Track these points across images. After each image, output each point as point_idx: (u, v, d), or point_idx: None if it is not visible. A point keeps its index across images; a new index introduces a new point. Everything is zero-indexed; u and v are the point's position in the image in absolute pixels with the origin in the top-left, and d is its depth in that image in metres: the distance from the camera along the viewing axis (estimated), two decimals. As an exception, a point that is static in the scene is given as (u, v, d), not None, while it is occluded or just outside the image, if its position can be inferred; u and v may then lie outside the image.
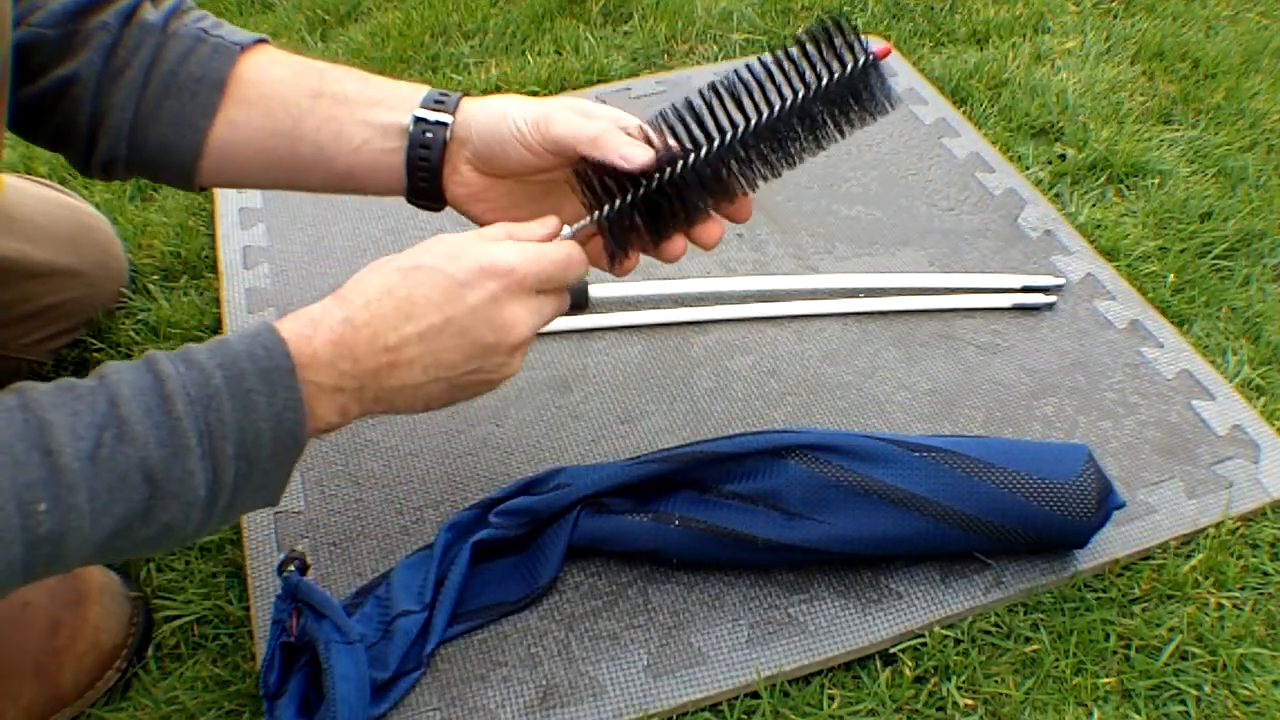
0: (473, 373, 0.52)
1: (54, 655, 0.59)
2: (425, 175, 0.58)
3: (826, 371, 0.75)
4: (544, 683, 0.58)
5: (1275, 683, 0.58)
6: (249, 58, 0.58)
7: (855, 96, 0.54)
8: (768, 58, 0.54)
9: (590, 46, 1.09)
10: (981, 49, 1.07)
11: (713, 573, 0.63)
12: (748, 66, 0.54)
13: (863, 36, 0.53)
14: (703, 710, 0.58)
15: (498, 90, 1.03)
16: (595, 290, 0.78)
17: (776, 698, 0.58)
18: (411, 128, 0.57)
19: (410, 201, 0.60)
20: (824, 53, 0.53)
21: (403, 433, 0.71)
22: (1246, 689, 0.58)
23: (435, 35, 1.12)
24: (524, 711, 0.57)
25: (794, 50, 0.53)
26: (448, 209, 0.60)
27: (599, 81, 1.04)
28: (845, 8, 1.13)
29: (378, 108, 0.58)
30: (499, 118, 0.55)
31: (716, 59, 1.07)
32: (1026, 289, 0.79)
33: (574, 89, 1.04)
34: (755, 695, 0.58)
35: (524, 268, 0.51)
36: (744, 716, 0.57)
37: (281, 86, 0.58)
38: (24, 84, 0.56)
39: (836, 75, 0.54)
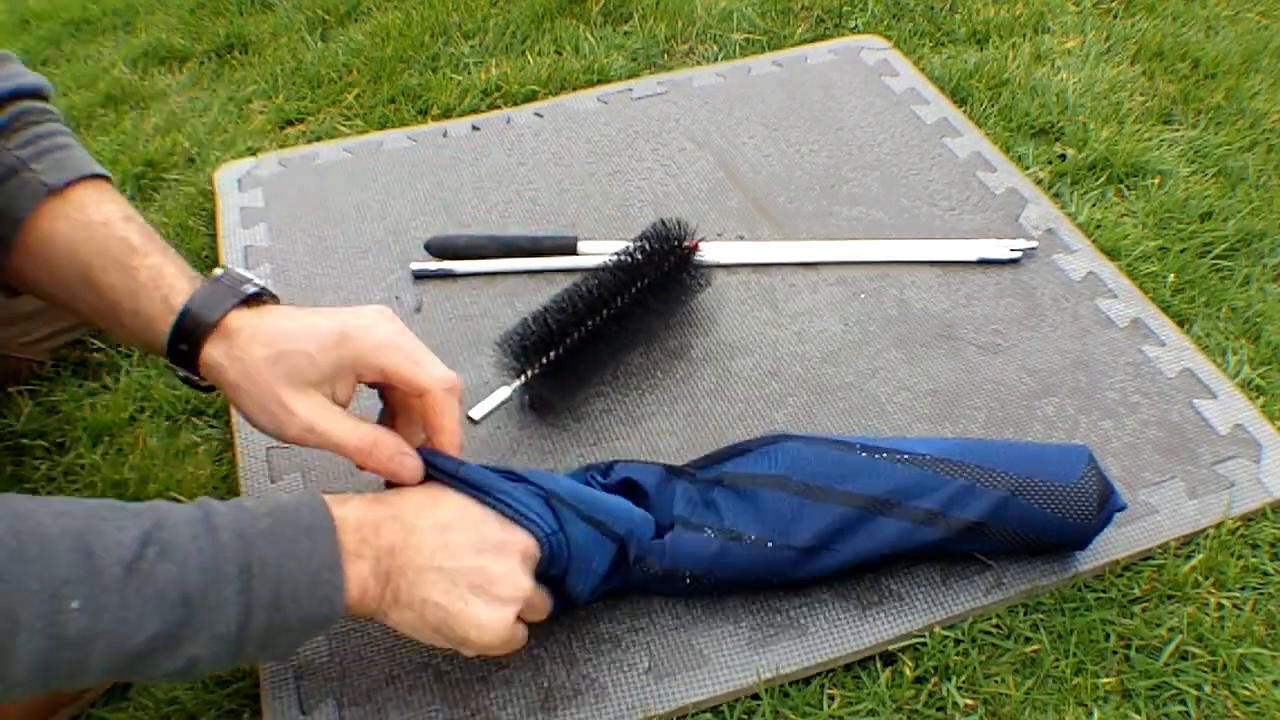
0: (474, 572, 0.51)
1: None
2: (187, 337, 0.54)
3: (828, 372, 0.75)
4: (546, 684, 0.58)
5: (1275, 683, 0.58)
6: (48, 207, 0.55)
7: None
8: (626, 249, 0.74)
9: (590, 46, 1.09)
10: (981, 49, 1.07)
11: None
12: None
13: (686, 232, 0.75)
14: (703, 712, 0.58)
15: (498, 89, 1.03)
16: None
17: (776, 698, 0.58)
18: (169, 367, 0.55)
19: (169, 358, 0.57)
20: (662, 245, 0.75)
21: (403, 433, 0.71)
22: (1246, 689, 0.58)
23: (435, 35, 1.12)
24: (526, 713, 0.57)
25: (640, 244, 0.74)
26: None
27: (599, 82, 1.04)
28: (845, 8, 1.13)
29: (137, 320, 0.54)
30: (250, 416, 0.53)
31: (716, 59, 1.07)
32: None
33: (574, 89, 1.04)
34: (755, 697, 0.58)
35: (518, 546, 0.53)
36: (744, 717, 0.57)
37: (58, 256, 0.55)
38: None
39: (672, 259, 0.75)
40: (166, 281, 0.54)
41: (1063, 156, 0.94)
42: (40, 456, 0.72)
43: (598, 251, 0.81)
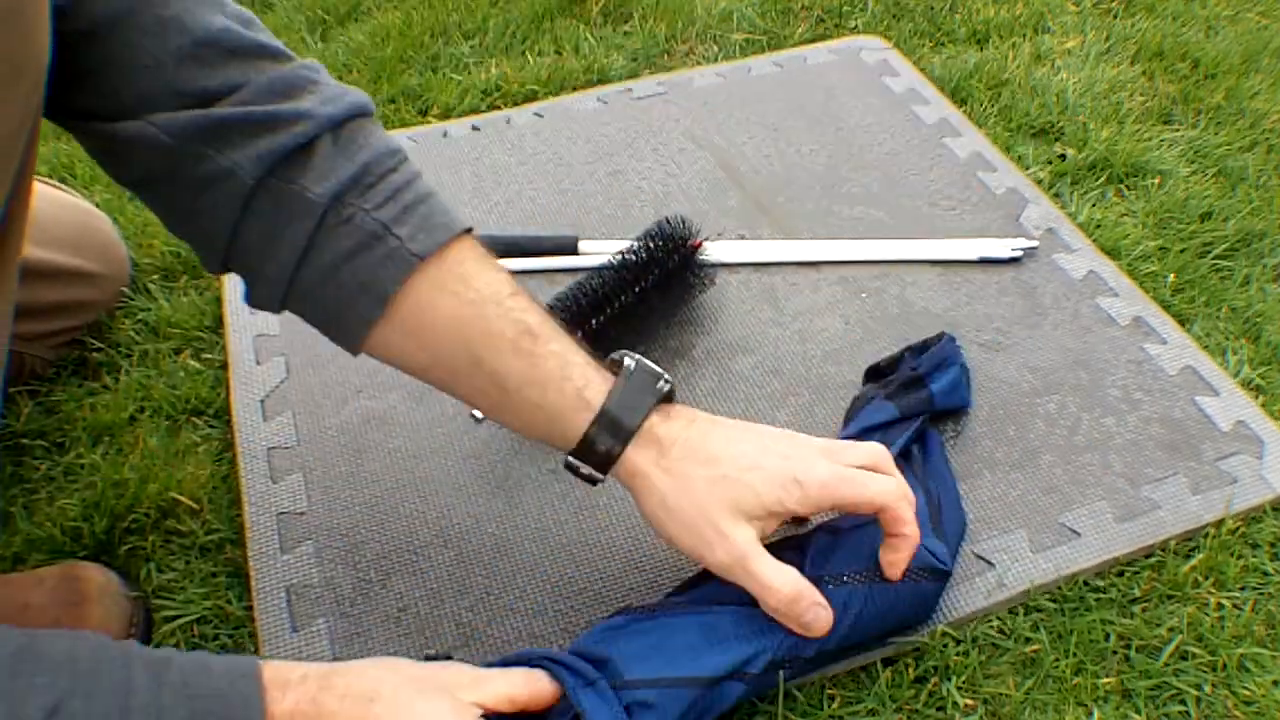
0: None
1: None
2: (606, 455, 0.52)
3: (829, 371, 0.75)
4: (546, 683, 0.58)
5: (1275, 683, 0.58)
6: (421, 277, 0.50)
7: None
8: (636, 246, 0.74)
9: (590, 46, 1.09)
10: (981, 49, 1.07)
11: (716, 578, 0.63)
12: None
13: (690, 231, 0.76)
14: (705, 711, 0.58)
15: (498, 90, 1.03)
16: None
17: (777, 698, 0.58)
18: (568, 462, 0.53)
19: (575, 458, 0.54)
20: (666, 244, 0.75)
21: (406, 435, 0.71)
22: (1246, 689, 0.58)
23: (435, 35, 1.12)
24: (526, 712, 0.57)
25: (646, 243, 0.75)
26: None
27: (599, 82, 1.04)
28: (845, 8, 1.13)
29: (537, 412, 0.51)
30: (669, 540, 0.52)
31: (716, 59, 1.07)
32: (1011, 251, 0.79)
33: (574, 89, 1.03)
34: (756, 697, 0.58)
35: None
36: (745, 717, 0.57)
37: (442, 334, 0.51)
38: (141, 178, 0.52)
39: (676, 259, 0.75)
40: (577, 372, 0.51)
41: (1063, 156, 0.94)
42: (40, 456, 0.72)
43: (598, 251, 0.81)
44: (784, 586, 0.51)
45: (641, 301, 0.74)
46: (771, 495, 0.51)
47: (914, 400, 0.67)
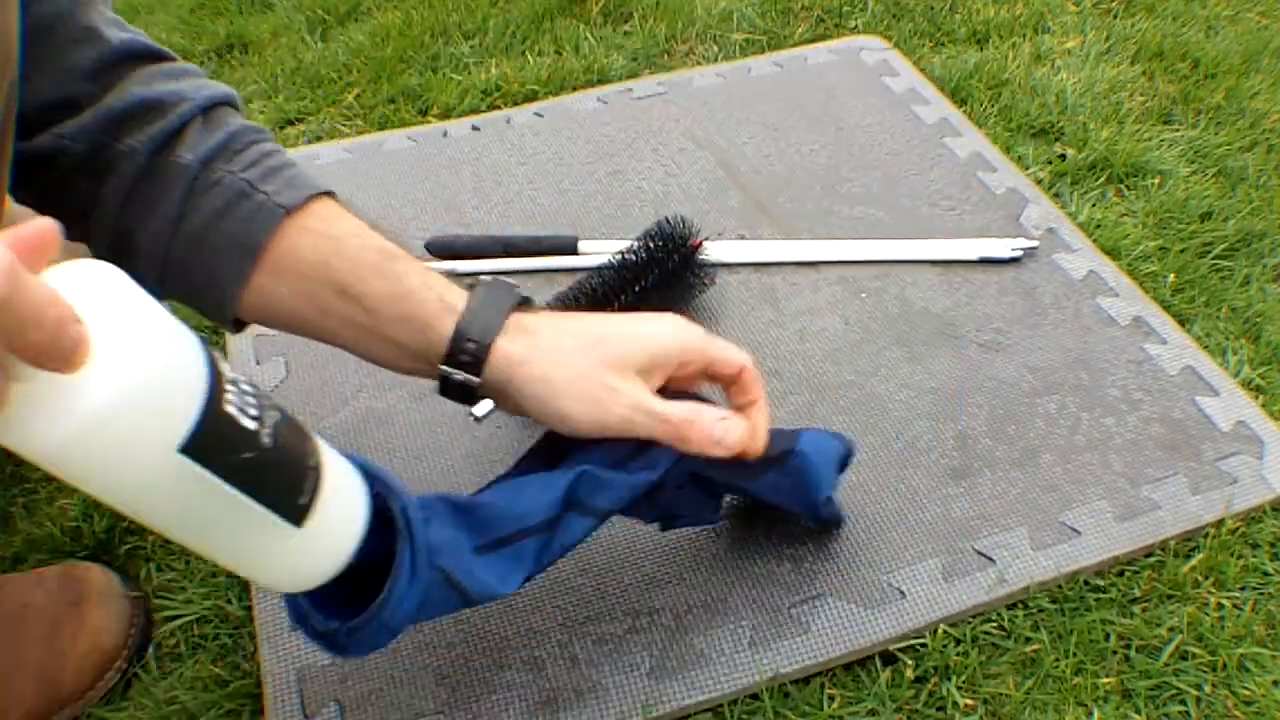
0: None
1: (55, 656, 0.59)
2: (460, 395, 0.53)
3: (829, 370, 0.75)
4: (547, 686, 0.58)
5: (1275, 683, 0.58)
6: (289, 225, 0.52)
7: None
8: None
9: (590, 46, 1.09)
10: (981, 49, 1.07)
11: (715, 574, 0.63)
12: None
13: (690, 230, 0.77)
14: (704, 712, 0.58)
15: (498, 89, 1.03)
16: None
17: (777, 698, 0.58)
18: (438, 376, 0.52)
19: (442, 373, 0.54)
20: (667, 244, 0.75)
21: (405, 434, 0.71)
22: (1246, 689, 0.58)
23: (435, 35, 1.12)
24: (527, 715, 0.57)
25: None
26: None
27: (599, 82, 1.04)
28: (845, 8, 1.13)
29: (403, 326, 0.52)
30: (556, 421, 0.52)
31: (716, 59, 1.07)
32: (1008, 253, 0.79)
33: (574, 89, 1.04)
34: (756, 696, 0.58)
35: None
36: (745, 717, 0.57)
37: (309, 270, 0.52)
38: (45, 185, 0.52)
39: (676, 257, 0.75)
40: (438, 284, 0.53)
41: (1063, 156, 0.94)
42: (40, 456, 0.72)
43: (598, 251, 0.81)
44: (690, 410, 0.52)
45: (641, 301, 0.74)
46: (655, 344, 0.53)
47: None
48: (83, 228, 0.54)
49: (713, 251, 0.79)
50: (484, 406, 0.71)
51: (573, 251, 0.83)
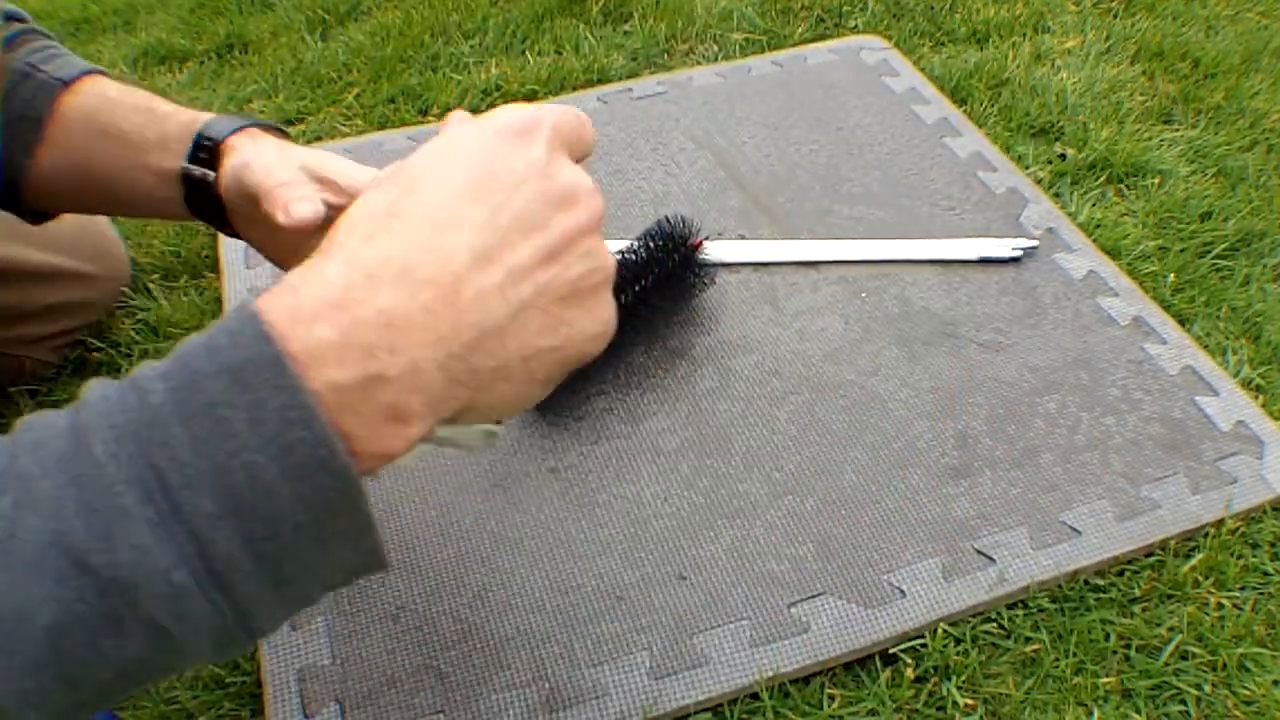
0: (565, 265, 0.34)
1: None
2: (210, 216, 0.59)
3: (829, 370, 0.75)
4: (548, 685, 0.58)
5: (1275, 683, 0.58)
6: (67, 94, 0.59)
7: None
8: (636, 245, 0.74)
9: (590, 46, 1.09)
10: (981, 49, 1.07)
11: (715, 574, 0.63)
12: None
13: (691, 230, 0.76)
14: (704, 711, 0.58)
15: (498, 89, 1.03)
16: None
17: (776, 698, 0.58)
18: (181, 181, 0.58)
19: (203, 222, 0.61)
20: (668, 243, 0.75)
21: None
22: (1246, 689, 0.58)
23: (435, 35, 1.12)
24: (528, 714, 0.57)
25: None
26: None
27: (599, 82, 1.04)
28: (845, 8, 1.13)
29: (156, 152, 0.58)
30: (240, 169, 0.55)
31: (716, 59, 1.07)
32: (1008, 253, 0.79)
33: (574, 89, 1.04)
34: (756, 696, 0.58)
35: (544, 112, 0.36)
36: (745, 717, 0.57)
37: (80, 124, 0.59)
38: None
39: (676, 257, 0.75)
40: (188, 111, 0.59)
41: (1063, 156, 0.94)
42: (40, 456, 0.72)
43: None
44: (286, 182, 0.53)
45: (641, 300, 0.74)
46: (310, 154, 0.56)
47: None
48: None
49: (713, 251, 0.79)
50: None
51: (573, 251, 0.83)
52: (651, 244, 0.75)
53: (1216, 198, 0.89)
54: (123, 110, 0.59)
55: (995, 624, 0.60)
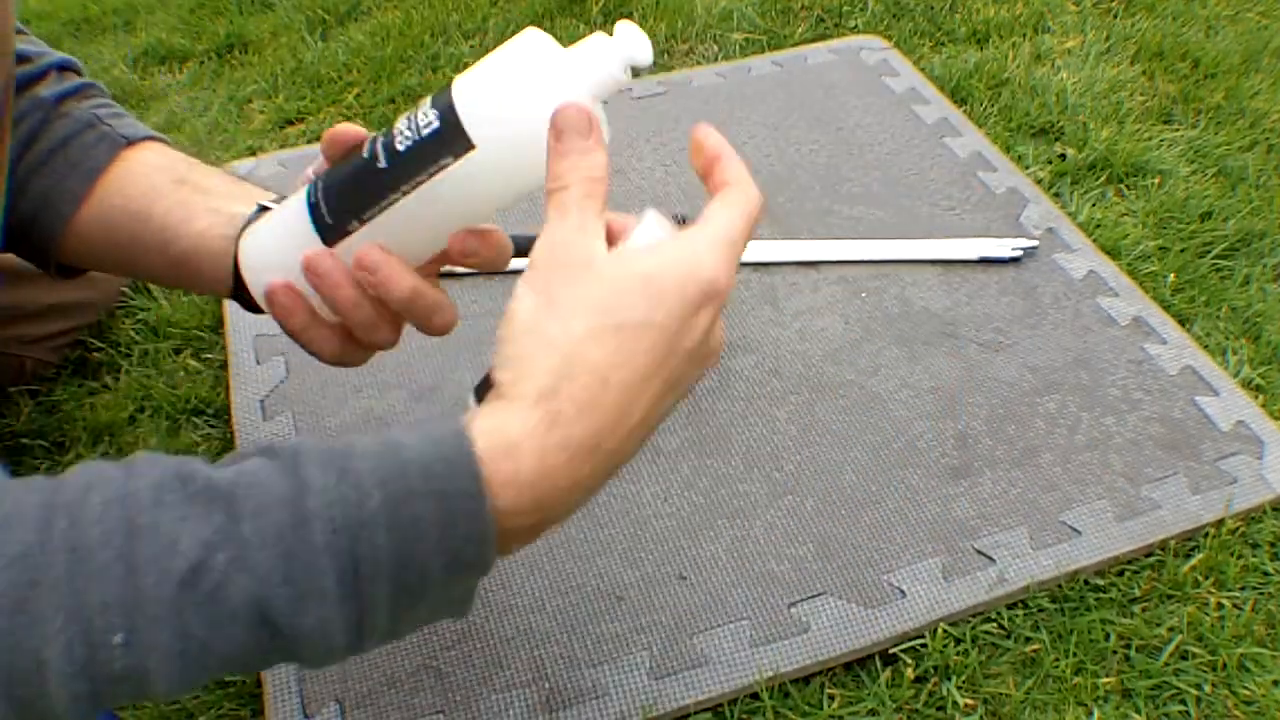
0: (680, 396, 0.43)
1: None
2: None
3: (829, 370, 0.75)
4: (547, 685, 0.58)
5: (1275, 683, 0.58)
6: (132, 152, 0.57)
7: None
8: None
9: (590, 46, 1.09)
10: (981, 49, 1.07)
11: (715, 574, 0.63)
12: None
13: None
14: (704, 711, 0.58)
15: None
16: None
17: (777, 698, 0.58)
18: (253, 213, 0.54)
19: (235, 298, 0.57)
20: None
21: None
22: (1246, 689, 0.58)
23: (435, 35, 1.12)
24: (528, 714, 0.57)
25: None
26: None
27: (599, 81, 1.04)
28: (845, 8, 1.13)
29: (232, 200, 0.55)
30: None
31: (716, 59, 1.07)
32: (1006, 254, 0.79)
33: (574, 88, 1.03)
34: (756, 696, 0.58)
35: (730, 278, 0.43)
36: (745, 717, 0.57)
37: (149, 171, 0.56)
38: None
39: None
40: (261, 189, 0.56)
41: (1063, 156, 0.94)
42: (40, 456, 0.72)
43: (598, 251, 0.81)
44: None
45: None
46: None
47: None
48: None
49: None
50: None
51: (573, 251, 0.83)
52: None
53: (1216, 198, 0.89)
54: (204, 169, 0.57)
55: (995, 624, 0.60)
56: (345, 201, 0.47)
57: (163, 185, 0.56)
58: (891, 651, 0.59)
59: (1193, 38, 1.07)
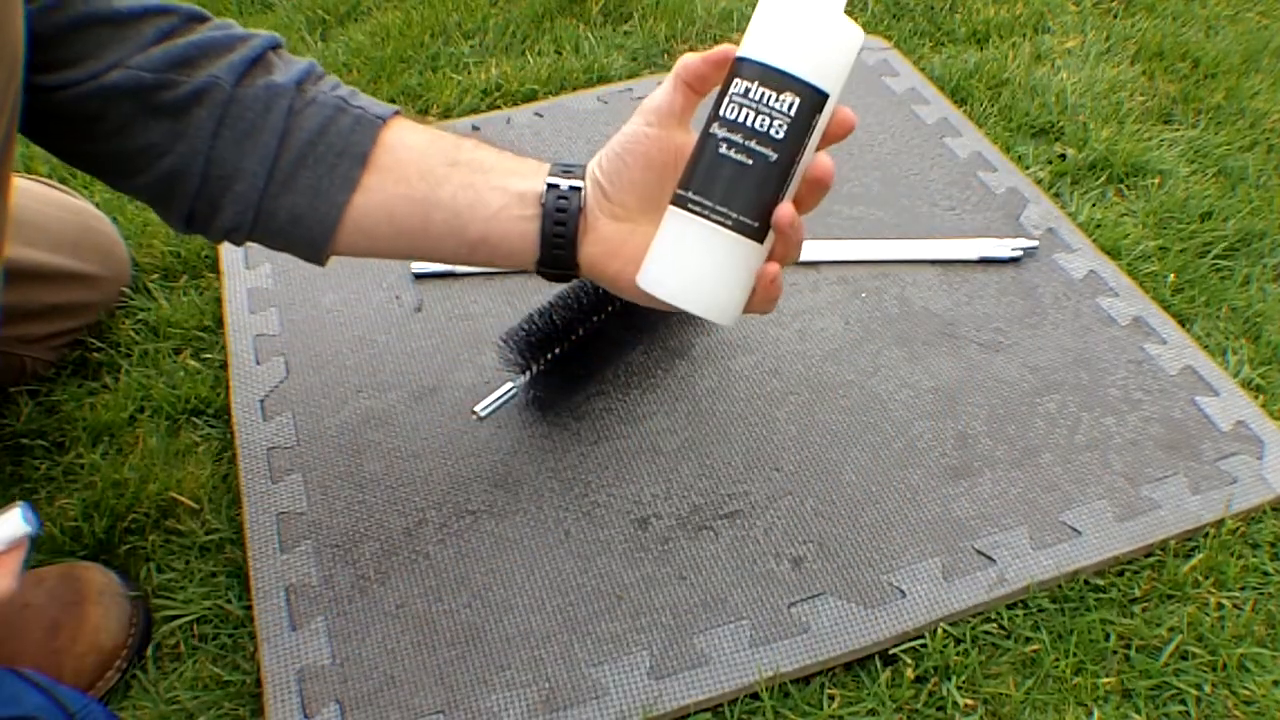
0: None
1: (54, 656, 0.59)
2: (561, 241, 0.55)
3: (828, 370, 0.75)
4: (547, 685, 0.58)
5: (1275, 683, 0.58)
6: (388, 131, 0.56)
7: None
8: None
9: (590, 46, 1.09)
10: (981, 49, 1.07)
11: (715, 574, 0.63)
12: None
13: None
14: (704, 711, 0.58)
15: (498, 89, 1.03)
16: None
17: (777, 698, 0.58)
18: (546, 193, 0.55)
19: (539, 272, 0.57)
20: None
21: (405, 434, 0.71)
22: (1246, 689, 0.58)
23: (435, 35, 1.12)
24: (527, 714, 0.57)
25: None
26: None
27: (599, 81, 1.04)
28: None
29: (513, 176, 0.56)
30: (638, 138, 0.54)
31: (717, 59, 1.07)
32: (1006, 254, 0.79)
33: (574, 89, 1.03)
34: (756, 696, 0.58)
35: None
36: (745, 717, 0.57)
37: (419, 155, 0.56)
38: (111, 133, 0.54)
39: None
40: (532, 163, 0.58)
41: (1063, 156, 0.94)
42: (40, 456, 0.72)
43: (598, 251, 0.81)
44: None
45: None
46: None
47: None
48: (143, 173, 0.55)
49: None
50: (486, 405, 0.71)
51: (573, 251, 0.83)
52: None
53: (1216, 198, 0.89)
54: (467, 144, 0.58)
55: (995, 624, 0.60)
56: (763, 200, 0.53)
57: (438, 168, 0.56)
58: (891, 651, 0.59)
59: (1193, 38, 1.08)
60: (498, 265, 0.58)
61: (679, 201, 0.52)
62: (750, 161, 0.51)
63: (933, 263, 0.82)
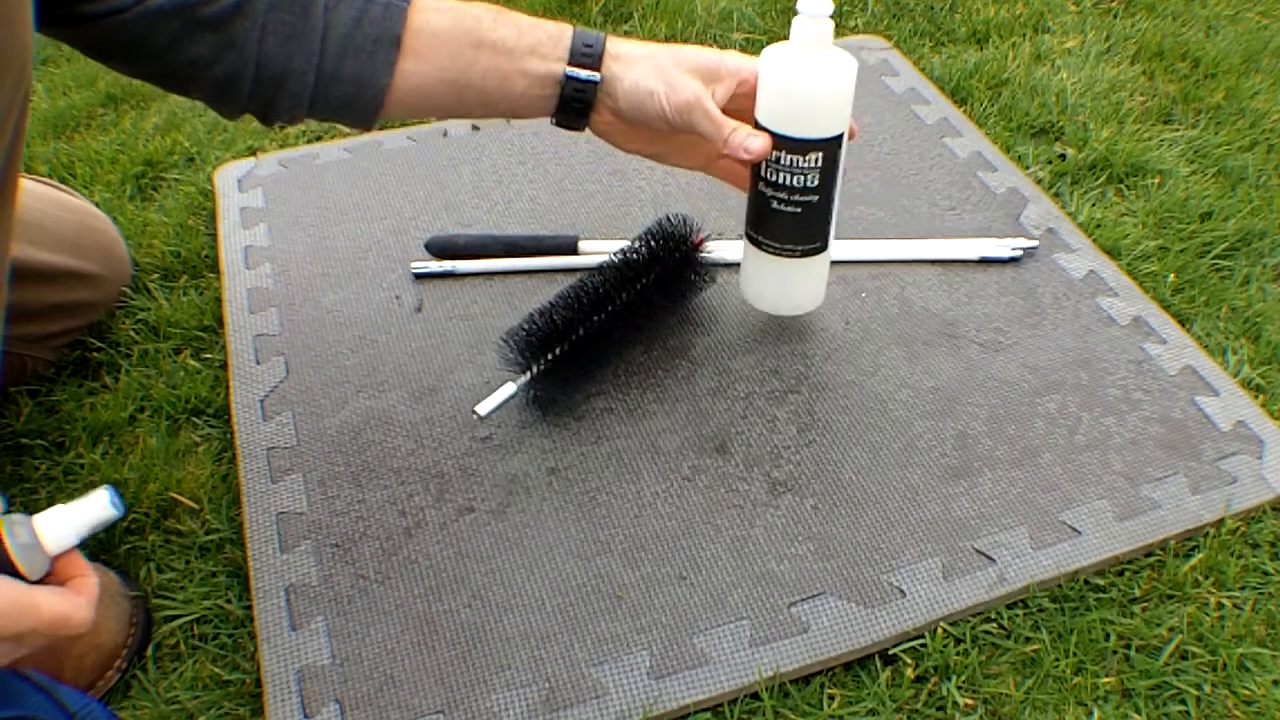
0: None
1: (53, 656, 0.58)
2: (575, 115, 0.66)
3: (829, 370, 0.75)
4: (547, 685, 0.58)
5: (1275, 683, 0.58)
6: (413, 12, 0.63)
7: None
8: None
9: (590, 46, 1.09)
10: (981, 49, 1.07)
11: (715, 574, 0.63)
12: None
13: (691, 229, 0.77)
14: (704, 711, 0.58)
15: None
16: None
17: (776, 698, 0.58)
18: (564, 83, 0.64)
19: (556, 125, 0.67)
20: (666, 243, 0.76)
21: (405, 434, 0.71)
22: (1246, 689, 0.58)
23: (435, 35, 1.11)
24: (527, 714, 0.57)
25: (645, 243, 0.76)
26: None
27: (599, 81, 1.04)
28: (845, 8, 1.13)
29: (533, 58, 0.64)
30: (646, 97, 0.63)
31: (717, 59, 1.07)
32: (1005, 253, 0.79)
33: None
34: (756, 696, 0.58)
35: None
36: (745, 717, 0.57)
37: (447, 37, 0.63)
38: (162, 51, 0.59)
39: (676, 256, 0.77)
40: (540, 21, 0.65)
41: (1063, 156, 0.94)
42: (40, 456, 0.72)
43: (598, 251, 0.81)
44: (733, 121, 0.64)
45: (642, 300, 0.74)
46: (715, 56, 0.65)
47: None
48: (197, 82, 0.62)
49: (713, 250, 0.79)
50: (487, 405, 0.71)
51: (573, 251, 0.83)
52: (653, 243, 0.75)
53: (1216, 198, 0.89)
54: (484, 23, 0.64)
55: (995, 624, 0.60)
56: (820, 228, 0.69)
57: (466, 51, 0.63)
58: (891, 651, 0.59)
59: (1193, 38, 1.08)
60: (519, 118, 0.69)
61: (755, 242, 0.69)
62: (799, 210, 0.66)
63: (933, 263, 0.82)
